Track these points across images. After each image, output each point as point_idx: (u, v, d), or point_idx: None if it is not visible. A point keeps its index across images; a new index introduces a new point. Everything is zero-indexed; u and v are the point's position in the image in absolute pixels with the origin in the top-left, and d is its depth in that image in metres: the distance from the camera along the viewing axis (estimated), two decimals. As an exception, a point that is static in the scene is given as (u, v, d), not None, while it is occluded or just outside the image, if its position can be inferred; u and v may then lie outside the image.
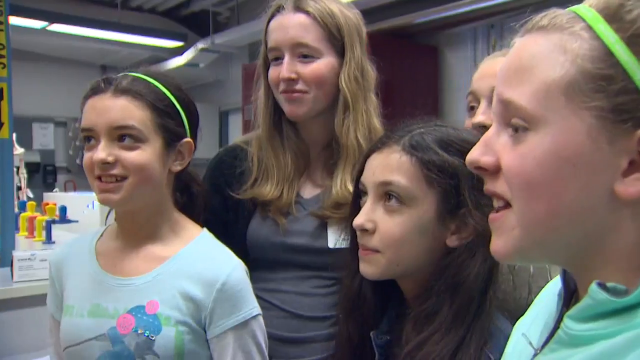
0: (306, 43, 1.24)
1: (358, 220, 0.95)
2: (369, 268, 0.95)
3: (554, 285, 0.67)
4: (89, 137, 1.08)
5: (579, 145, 0.52)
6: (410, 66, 4.30)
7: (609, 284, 0.52)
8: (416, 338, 0.90)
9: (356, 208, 0.99)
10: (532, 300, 1.25)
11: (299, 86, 1.24)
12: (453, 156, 0.92)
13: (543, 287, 1.20)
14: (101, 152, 1.05)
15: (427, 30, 4.64)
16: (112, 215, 1.22)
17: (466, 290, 0.89)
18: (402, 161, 0.93)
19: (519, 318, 0.78)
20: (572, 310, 0.56)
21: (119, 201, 1.08)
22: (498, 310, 0.95)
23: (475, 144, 0.93)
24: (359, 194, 1.00)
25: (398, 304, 1.02)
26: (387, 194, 0.93)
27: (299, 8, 1.25)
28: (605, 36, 0.52)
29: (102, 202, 1.09)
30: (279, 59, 1.26)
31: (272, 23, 1.28)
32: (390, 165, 0.93)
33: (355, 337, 1.02)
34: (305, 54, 1.24)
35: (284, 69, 1.24)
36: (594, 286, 0.53)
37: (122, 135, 1.06)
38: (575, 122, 0.52)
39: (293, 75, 1.24)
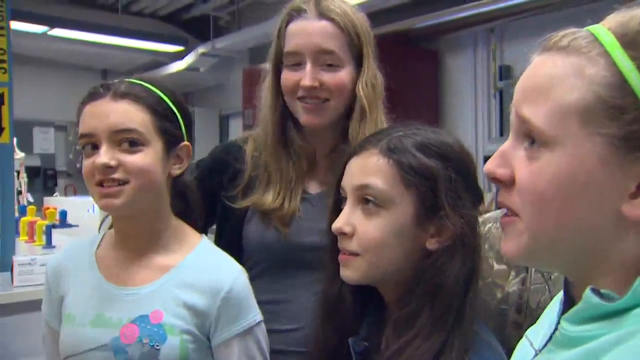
0: (332, 50, 1.20)
1: (337, 224, 0.94)
2: (349, 272, 0.95)
3: (561, 295, 0.69)
4: (89, 143, 1.07)
5: (591, 168, 0.54)
6: (411, 70, 4.29)
7: (603, 291, 0.55)
8: (396, 343, 0.89)
9: (337, 213, 0.97)
10: None
11: (320, 93, 1.22)
12: (431, 158, 0.91)
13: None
14: (103, 156, 1.03)
15: (427, 34, 4.65)
16: (106, 223, 1.20)
17: (446, 293, 0.88)
18: (380, 164, 0.92)
19: None
20: (568, 313, 0.59)
21: (120, 206, 1.05)
22: (482, 319, 0.93)
23: (453, 145, 0.94)
24: (340, 199, 0.99)
25: (377, 310, 1.01)
26: (365, 196, 0.93)
27: (323, 15, 1.21)
28: (621, 64, 0.53)
29: (104, 207, 1.07)
30: (298, 64, 1.23)
31: (293, 27, 1.24)
32: (367, 168, 0.93)
33: (331, 342, 1.01)
34: (329, 63, 1.21)
35: (308, 77, 1.20)
36: (587, 291, 0.56)
37: (124, 139, 1.05)
38: (588, 147, 0.54)
39: (316, 84, 1.21)
